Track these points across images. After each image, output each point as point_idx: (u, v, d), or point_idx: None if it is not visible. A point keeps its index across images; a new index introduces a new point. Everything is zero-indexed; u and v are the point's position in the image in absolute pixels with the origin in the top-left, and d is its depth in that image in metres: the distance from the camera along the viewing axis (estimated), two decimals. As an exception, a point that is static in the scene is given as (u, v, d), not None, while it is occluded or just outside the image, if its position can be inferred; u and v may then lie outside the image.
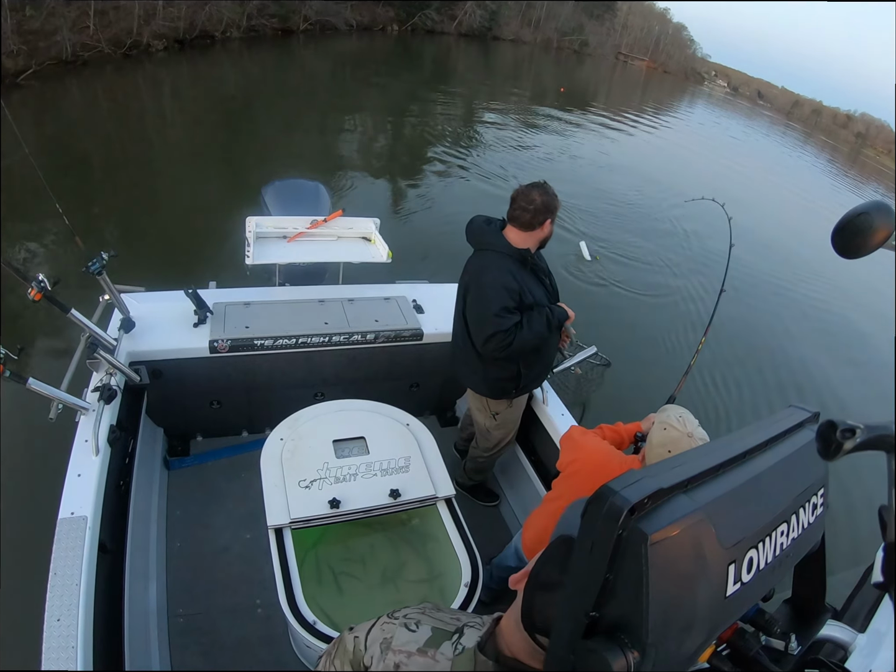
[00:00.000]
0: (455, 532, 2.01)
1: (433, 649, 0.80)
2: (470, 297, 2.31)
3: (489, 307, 2.16)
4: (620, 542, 0.59)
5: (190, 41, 16.64)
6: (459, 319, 2.45)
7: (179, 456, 2.90)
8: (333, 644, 0.96)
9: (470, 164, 10.67)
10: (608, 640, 0.60)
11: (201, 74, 15.68)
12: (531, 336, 2.20)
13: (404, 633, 0.83)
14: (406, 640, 0.82)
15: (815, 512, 0.88)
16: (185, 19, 16.17)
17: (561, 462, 2.00)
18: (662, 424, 1.65)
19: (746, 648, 0.88)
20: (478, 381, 2.50)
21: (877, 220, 0.74)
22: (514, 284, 2.18)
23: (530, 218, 2.17)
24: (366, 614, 0.96)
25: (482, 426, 2.67)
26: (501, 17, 38.89)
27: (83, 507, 1.78)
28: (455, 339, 2.55)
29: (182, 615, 2.29)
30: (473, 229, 2.36)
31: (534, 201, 2.15)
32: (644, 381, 5.20)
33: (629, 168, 13.27)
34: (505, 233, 2.26)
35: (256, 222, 2.82)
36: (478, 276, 2.25)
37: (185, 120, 11.19)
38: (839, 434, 0.58)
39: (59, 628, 1.50)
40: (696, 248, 9.09)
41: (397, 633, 0.84)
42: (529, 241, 2.25)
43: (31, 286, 1.85)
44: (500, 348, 2.18)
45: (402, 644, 0.82)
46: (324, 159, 9.95)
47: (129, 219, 6.56)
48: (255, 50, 18.97)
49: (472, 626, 0.85)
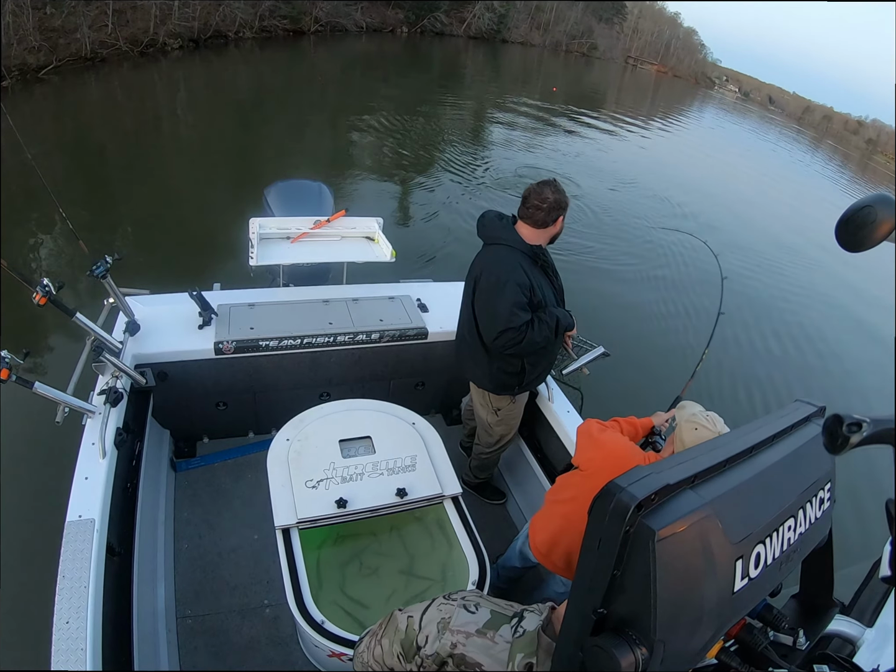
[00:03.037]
0: (462, 530, 2.01)
1: (493, 631, 0.81)
2: (481, 291, 2.29)
3: (502, 303, 2.16)
4: (628, 539, 0.59)
5: (204, 41, 17.25)
6: (467, 312, 2.43)
7: (186, 458, 2.91)
8: (381, 624, 0.96)
9: (475, 166, 10.68)
10: (616, 637, 0.61)
11: (215, 73, 16.11)
12: (539, 338, 2.21)
13: (464, 613, 0.84)
14: (465, 621, 0.82)
15: (822, 506, 0.88)
16: (200, 19, 16.76)
17: (578, 458, 1.97)
18: (692, 424, 1.64)
19: (755, 644, 0.88)
20: (481, 375, 2.50)
21: (880, 213, 0.73)
22: (526, 281, 2.18)
23: (544, 216, 2.16)
24: (374, 613, 0.96)
25: (484, 421, 2.67)
26: (510, 19, 39.00)
27: (91, 510, 1.79)
28: (461, 331, 2.54)
29: (190, 616, 2.30)
30: (486, 223, 2.33)
31: (547, 199, 2.13)
32: (646, 378, 5.21)
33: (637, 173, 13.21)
34: (517, 228, 2.25)
35: (260, 223, 2.82)
36: (489, 270, 2.23)
37: (197, 118, 11.37)
38: (845, 428, 0.58)
39: (68, 630, 1.50)
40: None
41: (456, 613, 0.84)
42: (542, 237, 2.24)
43: (35, 291, 1.86)
44: (510, 345, 2.19)
45: (461, 625, 0.82)
46: (332, 159, 10.03)
47: (134, 220, 6.62)
48: (267, 50, 19.38)
49: (532, 611, 0.85)
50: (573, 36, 46.83)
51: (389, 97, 15.21)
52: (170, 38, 15.71)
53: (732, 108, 51.55)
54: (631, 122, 20.93)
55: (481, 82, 22.89)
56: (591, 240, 8.37)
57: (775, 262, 9.96)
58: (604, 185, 11.35)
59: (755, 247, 10.37)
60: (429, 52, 28.74)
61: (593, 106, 22.22)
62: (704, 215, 11.32)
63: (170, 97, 12.68)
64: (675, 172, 14.77)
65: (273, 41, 20.74)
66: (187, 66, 15.72)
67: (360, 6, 26.24)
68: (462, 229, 7.35)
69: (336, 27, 24.83)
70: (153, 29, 15.06)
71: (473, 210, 8.24)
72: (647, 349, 5.99)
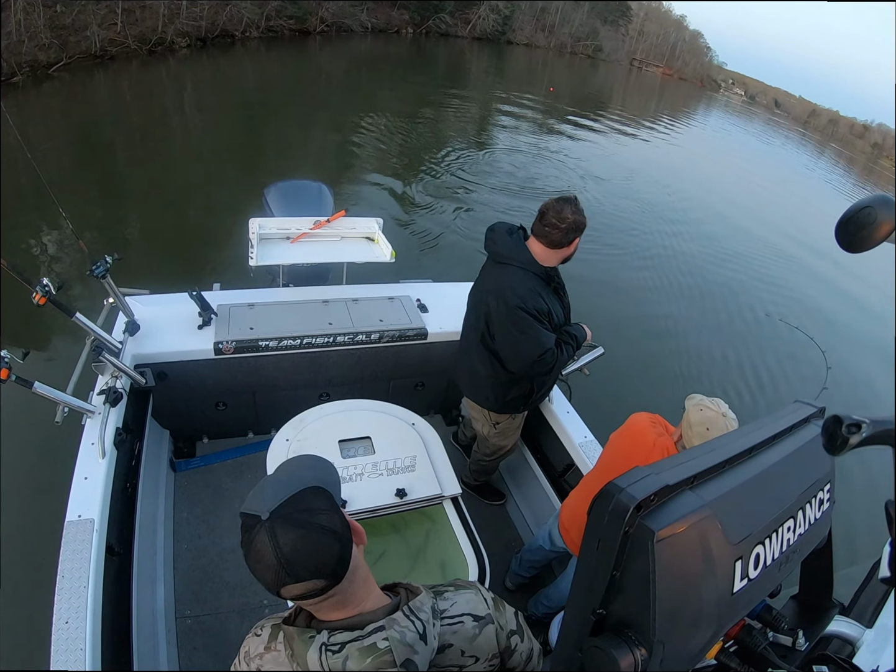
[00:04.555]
0: (461, 531, 2.01)
1: (274, 641, 0.88)
2: (498, 321, 2.14)
3: (529, 329, 2.06)
4: (627, 539, 0.59)
5: (211, 40, 17.52)
6: (474, 338, 2.32)
7: (185, 458, 2.91)
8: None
9: (478, 168, 10.66)
10: (615, 637, 0.61)
11: (221, 72, 16.32)
12: (566, 357, 2.18)
13: (255, 640, 0.92)
14: (257, 644, 0.90)
15: (821, 507, 0.88)
16: (208, 19, 17.01)
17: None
18: (698, 406, 1.73)
19: (754, 645, 0.88)
20: (488, 397, 2.42)
21: (880, 213, 0.73)
22: (544, 306, 2.09)
23: (561, 236, 2.02)
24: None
25: (481, 433, 2.64)
26: (515, 21, 39.07)
27: (90, 510, 1.79)
28: (465, 357, 2.45)
29: (190, 616, 2.30)
30: (496, 238, 2.18)
31: (566, 219, 1.99)
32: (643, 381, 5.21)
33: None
34: (529, 245, 2.11)
35: (259, 224, 2.82)
36: (504, 297, 2.08)
37: (203, 117, 11.45)
38: (845, 429, 0.58)
39: (67, 630, 1.50)
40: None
41: (251, 642, 0.92)
42: (554, 258, 2.11)
43: (35, 290, 1.85)
44: (546, 369, 2.14)
45: (254, 649, 0.90)
46: (333, 159, 10.04)
47: (135, 219, 6.63)
48: (273, 50, 19.59)
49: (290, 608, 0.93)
50: (578, 38, 46.89)
51: (393, 98, 15.26)
52: (178, 37, 15.98)
53: (739, 112, 51.55)
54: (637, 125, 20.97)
55: (485, 83, 22.92)
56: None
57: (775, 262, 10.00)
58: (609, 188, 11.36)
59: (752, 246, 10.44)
60: (433, 53, 28.82)
61: (597, 108, 22.26)
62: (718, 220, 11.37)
63: (177, 95, 12.78)
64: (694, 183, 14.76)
65: (279, 41, 20.93)
66: (194, 64, 15.93)
67: (365, 7, 26.41)
68: (464, 230, 7.34)
69: (342, 27, 25.01)
70: (161, 28, 15.32)
71: (474, 211, 8.24)
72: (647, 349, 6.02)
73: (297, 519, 0.78)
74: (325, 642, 0.79)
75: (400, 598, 0.87)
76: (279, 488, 0.82)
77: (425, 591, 0.89)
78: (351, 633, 0.79)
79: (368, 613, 0.83)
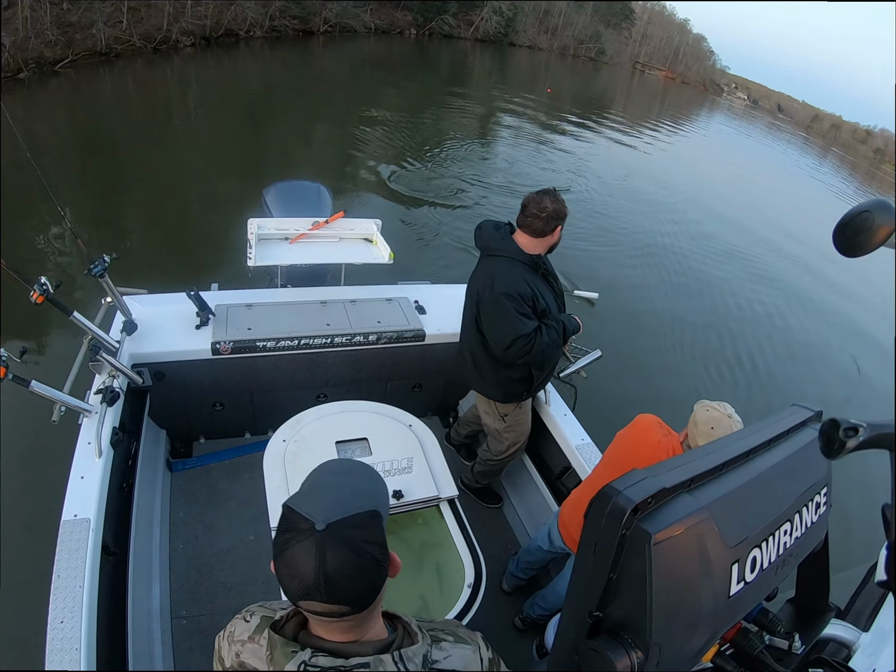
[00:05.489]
0: (458, 533, 2.01)
1: (259, 634, 0.86)
2: (484, 305, 2.28)
3: (507, 313, 2.17)
4: (624, 542, 0.59)
5: (216, 39, 17.69)
6: (471, 326, 2.43)
7: (182, 458, 2.90)
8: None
9: (479, 169, 10.67)
10: (612, 640, 0.61)
11: (225, 71, 16.45)
12: (548, 344, 2.22)
13: (242, 623, 0.91)
14: (242, 630, 0.89)
15: (818, 511, 0.88)
16: (212, 18, 17.22)
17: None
18: (705, 406, 1.79)
19: (750, 648, 0.88)
20: (490, 386, 2.50)
21: (878, 218, 0.73)
22: (528, 290, 2.19)
23: (542, 225, 2.16)
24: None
25: (492, 429, 2.67)
26: (518, 23, 39.15)
27: (86, 510, 1.78)
28: (465, 345, 2.53)
29: (185, 616, 2.29)
30: (483, 234, 2.32)
31: (546, 209, 2.13)
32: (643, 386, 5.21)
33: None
34: (515, 237, 2.25)
35: (258, 224, 2.81)
36: (491, 282, 2.22)
37: (206, 115, 11.51)
38: (842, 432, 0.58)
39: (62, 630, 1.50)
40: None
41: (237, 625, 0.91)
42: (540, 246, 2.24)
43: (33, 289, 1.85)
44: (521, 353, 2.19)
45: (239, 634, 0.89)
46: (334, 159, 10.06)
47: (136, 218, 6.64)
48: (276, 50, 19.70)
49: (285, 609, 0.91)
50: (581, 40, 47.07)
51: (395, 98, 15.31)
52: (182, 36, 16.14)
53: (741, 116, 51.65)
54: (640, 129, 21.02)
55: (487, 85, 22.95)
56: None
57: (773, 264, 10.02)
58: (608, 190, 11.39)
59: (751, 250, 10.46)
60: (436, 54, 28.88)
61: (599, 111, 22.30)
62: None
63: (181, 94, 12.87)
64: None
65: (282, 41, 21.03)
66: (199, 63, 16.07)
67: (369, 7, 26.48)
68: (464, 231, 7.35)
69: (345, 28, 25.09)
70: (166, 26, 15.49)
71: (475, 212, 8.25)
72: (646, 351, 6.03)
73: (353, 544, 0.75)
74: (306, 661, 0.78)
75: (395, 638, 0.84)
76: (342, 500, 0.79)
77: (422, 640, 0.85)
78: (334, 660, 0.78)
79: (361, 644, 0.81)
